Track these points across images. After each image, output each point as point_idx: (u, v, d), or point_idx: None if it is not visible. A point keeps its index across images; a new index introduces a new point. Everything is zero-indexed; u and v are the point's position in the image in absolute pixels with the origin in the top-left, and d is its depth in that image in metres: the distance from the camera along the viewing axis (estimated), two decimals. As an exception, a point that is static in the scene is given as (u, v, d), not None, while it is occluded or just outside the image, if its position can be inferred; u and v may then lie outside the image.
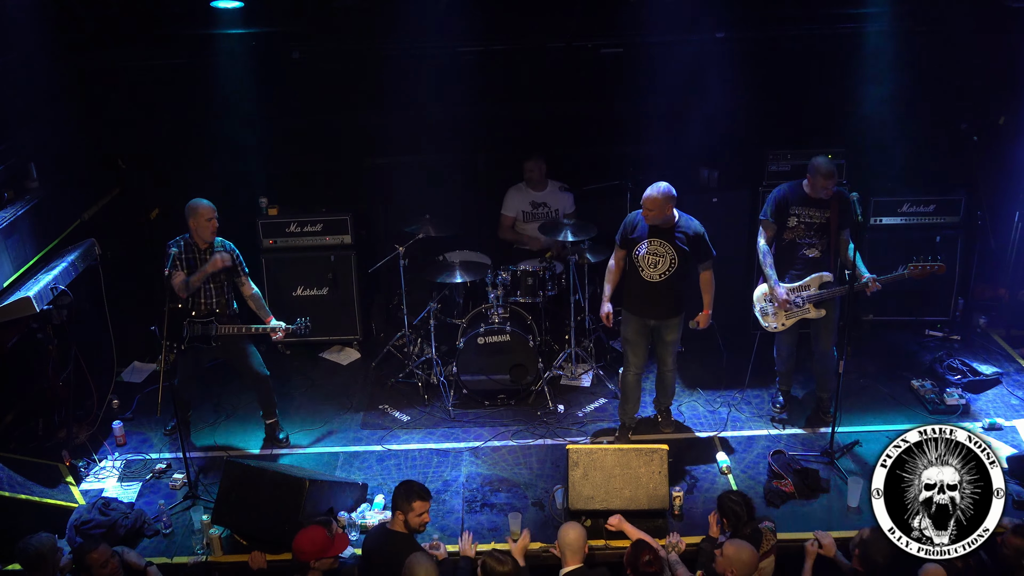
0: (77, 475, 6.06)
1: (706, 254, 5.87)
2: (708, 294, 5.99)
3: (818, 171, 5.82)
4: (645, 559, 4.55)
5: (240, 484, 5.33)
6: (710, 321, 6.06)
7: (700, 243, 5.82)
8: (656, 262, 5.78)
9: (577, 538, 4.68)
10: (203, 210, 5.86)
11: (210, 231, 5.91)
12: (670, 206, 5.70)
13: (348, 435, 6.50)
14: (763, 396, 6.76)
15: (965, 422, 6.28)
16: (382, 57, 7.20)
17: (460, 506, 5.72)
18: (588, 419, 6.61)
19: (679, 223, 5.79)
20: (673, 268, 5.77)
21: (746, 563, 4.44)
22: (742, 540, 4.59)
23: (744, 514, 4.84)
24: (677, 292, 5.89)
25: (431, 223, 6.89)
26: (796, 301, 6.06)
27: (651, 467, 5.45)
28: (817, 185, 5.85)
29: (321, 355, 7.67)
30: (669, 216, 5.73)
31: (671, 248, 5.75)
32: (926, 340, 7.47)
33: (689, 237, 5.77)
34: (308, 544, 4.62)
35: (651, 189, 5.68)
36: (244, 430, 6.60)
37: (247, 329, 6.04)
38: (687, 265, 5.81)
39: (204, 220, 5.86)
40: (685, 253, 5.76)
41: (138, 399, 6.98)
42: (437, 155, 7.84)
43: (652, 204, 5.66)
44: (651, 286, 5.84)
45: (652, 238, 5.77)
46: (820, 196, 5.90)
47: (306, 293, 7.54)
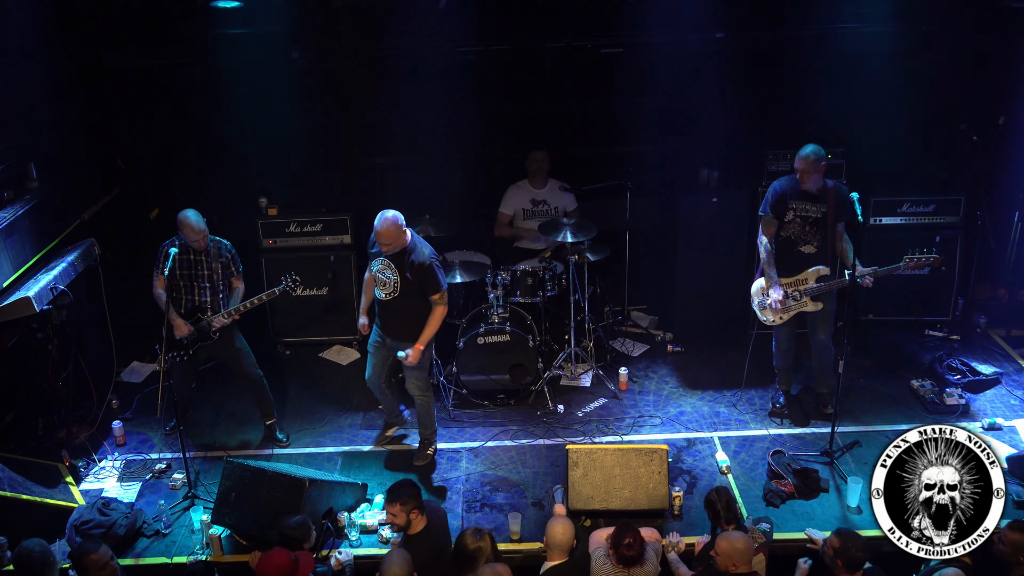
0: (77, 475, 6.07)
1: (432, 286, 5.64)
2: (429, 328, 5.70)
3: (799, 156, 5.88)
4: (626, 541, 4.58)
5: (240, 484, 5.34)
6: (420, 357, 5.75)
7: (425, 274, 5.61)
8: (384, 282, 5.70)
9: (563, 533, 4.71)
10: (192, 225, 5.85)
11: (201, 243, 5.94)
12: (403, 234, 5.55)
13: (348, 435, 6.52)
14: (763, 396, 6.77)
15: (965, 422, 6.29)
16: (382, 57, 7.21)
17: (460, 506, 5.73)
18: (588, 419, 6.62)
19: (411, 250, 5.63)
20: (396, 292, 5.68)
21: (742, 551, 4.47)
22: (730, 531, 4.61)
23: (721, 512, 4.86)
24: (407, 316, 5.74)
25: (431, 223, 6.91)
26: (793, 295, 6.10)
27: (651, 467, 5.47)
28: (801, 171, 5.91)
29: (321, 355, 7.68)
30: (403, 242, 5.61)
31: (398, 273, 5.66)
32: (926, 340, 7.49)
33: (414, 267, 5.61)
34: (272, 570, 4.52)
35: (380, 220, 5.47)
36: (244, 430, 6.61)
37: (244, 307, 6.02)
38: (411, 292, 5.66)
39: (192, 235, 5.88)
40: (408, 282, 5.64)
41: (138, 399, 7.00)
42: (437, 155, 7.85)
43: (386, 236, 5.47)
44: (383, 304, 5.78)
45: (384, 258, 5.67)
46: (808, 188, 5.94)
47: (306, 293, 7.55)
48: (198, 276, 5.99)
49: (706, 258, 7.45)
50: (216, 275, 6.04)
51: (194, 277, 5.99)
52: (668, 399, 6.86)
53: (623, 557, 4.57)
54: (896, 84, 7.27)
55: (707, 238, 7.42)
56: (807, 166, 5.87)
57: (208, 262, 6.01)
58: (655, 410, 6.71)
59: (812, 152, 5.85)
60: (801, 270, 6.10)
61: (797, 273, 6.12)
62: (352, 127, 7.80)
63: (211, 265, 6.02)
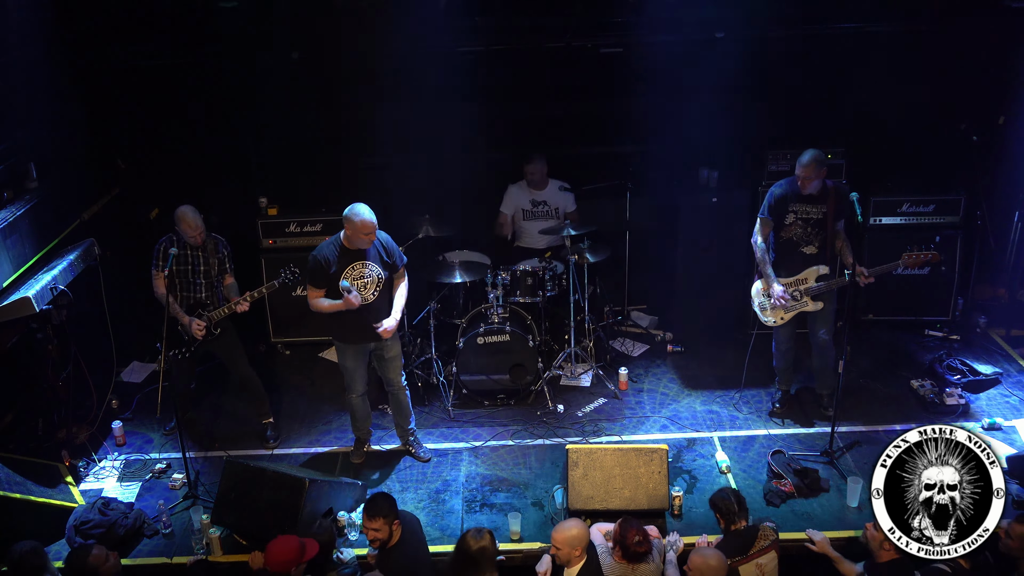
0: (76, 475, 6.09)
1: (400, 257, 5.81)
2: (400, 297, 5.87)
3: (800, 164, 5.90)
4: (636, 539, 4.57)
5: (240, 484, 5.36)
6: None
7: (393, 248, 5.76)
8: (367, 282, 5.68)
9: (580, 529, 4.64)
10: (190, 220, 5.91)
11: (198, 239, 5.98)
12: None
13: (348, 435, 6.52)
14: (762, 396, 6.79)
15: (965, 422, 6.31)
16: (382, 57, 7.24)
17: (460, 506, 5.75)
18: (588, 419, 6.64)
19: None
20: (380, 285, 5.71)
21: (714, 568, 4.44)
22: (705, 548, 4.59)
23: (735, 507, 4.88)
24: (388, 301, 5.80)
25: (430, 223, 6.92)
26: (793, 295, 6.13)
27: (651, 467, 5.49)
28: (802, 178, 5.92)
29: (320, 355, 7.69)
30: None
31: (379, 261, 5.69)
32: (926, 340, 7.50)
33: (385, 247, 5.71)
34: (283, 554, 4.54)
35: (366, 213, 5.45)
36: (243, 430, 6.63)
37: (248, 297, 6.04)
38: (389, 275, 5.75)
39: (190, 231, 5.93)
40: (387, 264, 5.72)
41: (137, 399, 7.02)
42: (436, 155, 7.86)
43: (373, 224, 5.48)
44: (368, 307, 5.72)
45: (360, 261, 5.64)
46: (809, 192, 5.96)
47: (305, 293, 7.54)
48: (195, 272, 6.05)
49: (706, 258, 7.46)
50: (213, 271, 6.09)
51: (191, 273, 6.04)
52: (668, 399, 6.88)
53: (633, 554, 4.57)
54: (896, 84, 7.28)
55: (707, 238, 7.44)
56: (808, 173, 5.88)
57: (205, 257, 6.06)
58: (655, 410, 6.73)
59: (812, 159, 5.86)
60: (802, 270, 6.14)
61: (798, 273, 6.15)
62: (352, 127, 7.81)
63: (208, 260, 6.07)
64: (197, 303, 6.08)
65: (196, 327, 5.99)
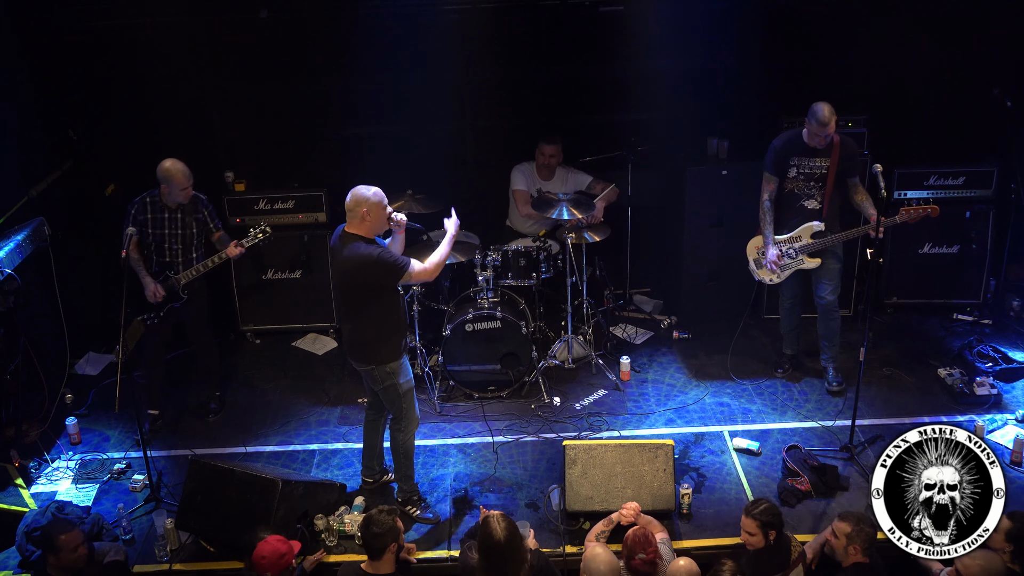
0: (27, 477, 6.06)
1: None
2: None
3: (813, 117, 6.06)
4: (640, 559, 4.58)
5: (207, 485, 5.34)
6: None
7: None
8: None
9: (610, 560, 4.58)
10: (183, 171, 5.96)
11: (185, 197, 6.04)
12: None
13: (324, 431, 6.52)
14: (776, 387, 6.80)
15: (997, 414, 6.35)
16: (359, 16, 7.16)
17: (448, 508, 5.74)
18: (587, 412, 6.63)
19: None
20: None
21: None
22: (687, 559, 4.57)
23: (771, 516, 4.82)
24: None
25: (414, 199, 6.88)
26: (789, 253, 6.39)
27: (655, 464, 5.49)
28: (812, 132, 6.13)
29: (294, 344, 7.67)
30: None
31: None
32: (954, 325, 7.51)
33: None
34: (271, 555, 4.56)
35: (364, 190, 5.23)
36: (210, 426, 6.61)
37: (210, 263, 6.16)
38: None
39: (179, 189, 5.98)
40: None
41: (94, 393, 6.98)
42: (420, 125, 7.80)
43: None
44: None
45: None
46: (815, 145, 6.16)
47: (277, 276, 7.53)
48: (172, 236, 6.11)
49: (715, 236, 7.44)
50: (190, 231, 6.14)
51: (167, 237, 6.10)
52: (674, 390, 6.88)
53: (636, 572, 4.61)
54: (923, 46, 7.25)
55: (716, 214, 7.42)
56: (819, 129, 6.06)
57: (182, 218, 6.10)
58: (660, 403, 6.73)
59: (825, 115, 6.00)
60: (798, 227, 6.36)
61: (794, 229, 6.35)
62: (327, 94, 7.75)
63: (185, 220, 6.11)
64: (168, 266, 6.14)
65: (151, 291, 6.03)
